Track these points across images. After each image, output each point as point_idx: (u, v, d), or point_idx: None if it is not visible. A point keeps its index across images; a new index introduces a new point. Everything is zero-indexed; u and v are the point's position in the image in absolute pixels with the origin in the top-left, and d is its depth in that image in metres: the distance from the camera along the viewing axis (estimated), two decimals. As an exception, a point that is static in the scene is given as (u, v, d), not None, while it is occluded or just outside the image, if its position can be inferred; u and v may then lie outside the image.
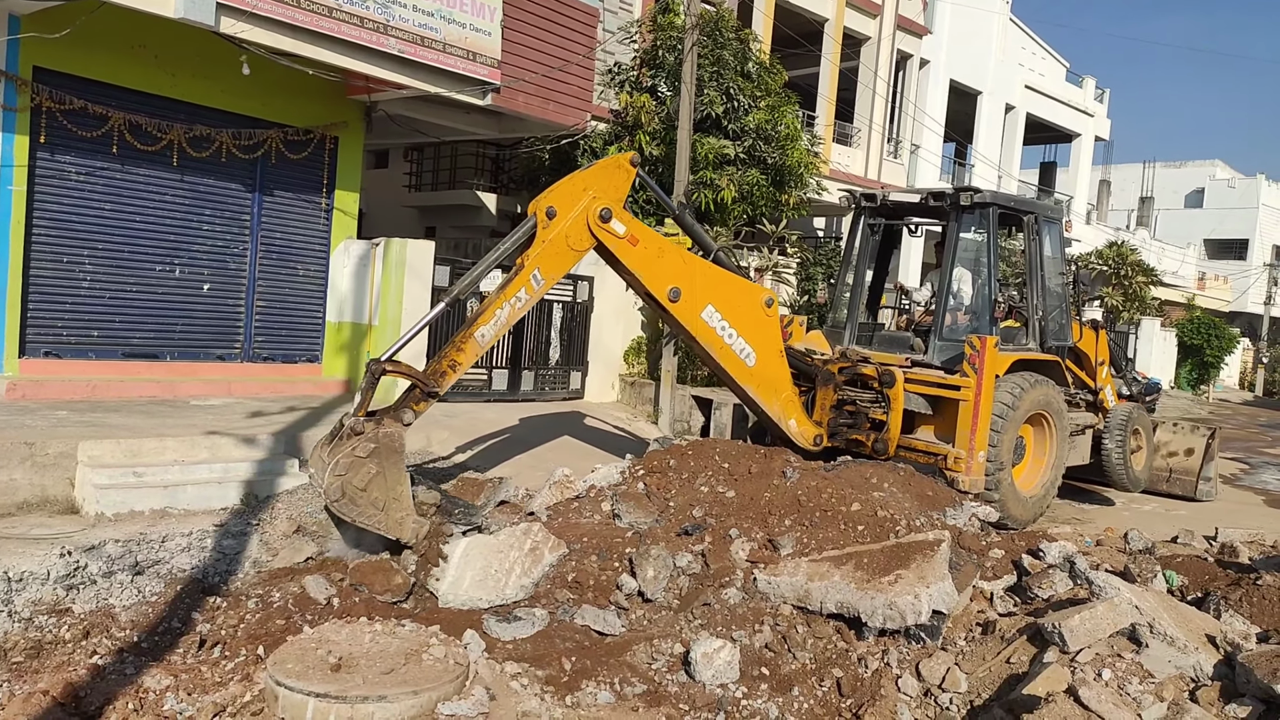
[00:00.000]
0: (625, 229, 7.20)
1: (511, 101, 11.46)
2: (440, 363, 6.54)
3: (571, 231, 6.96)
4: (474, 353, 6.66)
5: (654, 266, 7.45)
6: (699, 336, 7.77)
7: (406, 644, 4.66)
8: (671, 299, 7.52)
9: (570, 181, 7.08)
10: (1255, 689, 4.17)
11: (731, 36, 14.82)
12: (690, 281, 7.63)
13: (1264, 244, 46.40)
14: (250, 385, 10.60)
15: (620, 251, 7.22)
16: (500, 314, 6.70)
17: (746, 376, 8.07)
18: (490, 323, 6.66)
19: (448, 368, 6.55)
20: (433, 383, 6.44)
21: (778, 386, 8.34)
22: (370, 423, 6.17)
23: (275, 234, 11.14)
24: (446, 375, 6.54)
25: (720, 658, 5.00)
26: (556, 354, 12.81)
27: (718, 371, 8.18)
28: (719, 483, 7.26)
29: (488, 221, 19.51)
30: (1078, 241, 29.98)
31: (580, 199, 6.99)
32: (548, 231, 6.88)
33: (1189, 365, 32.98)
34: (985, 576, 5.98)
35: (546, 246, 6.87)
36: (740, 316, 7.96)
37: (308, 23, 9.19)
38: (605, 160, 7.38)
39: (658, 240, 7.56)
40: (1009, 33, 27.76)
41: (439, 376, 6.50)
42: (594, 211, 6.98)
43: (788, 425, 8.42)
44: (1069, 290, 10.23)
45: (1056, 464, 9.28)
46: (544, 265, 6.89)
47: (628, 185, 7.36)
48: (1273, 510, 11.41)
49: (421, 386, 6.40)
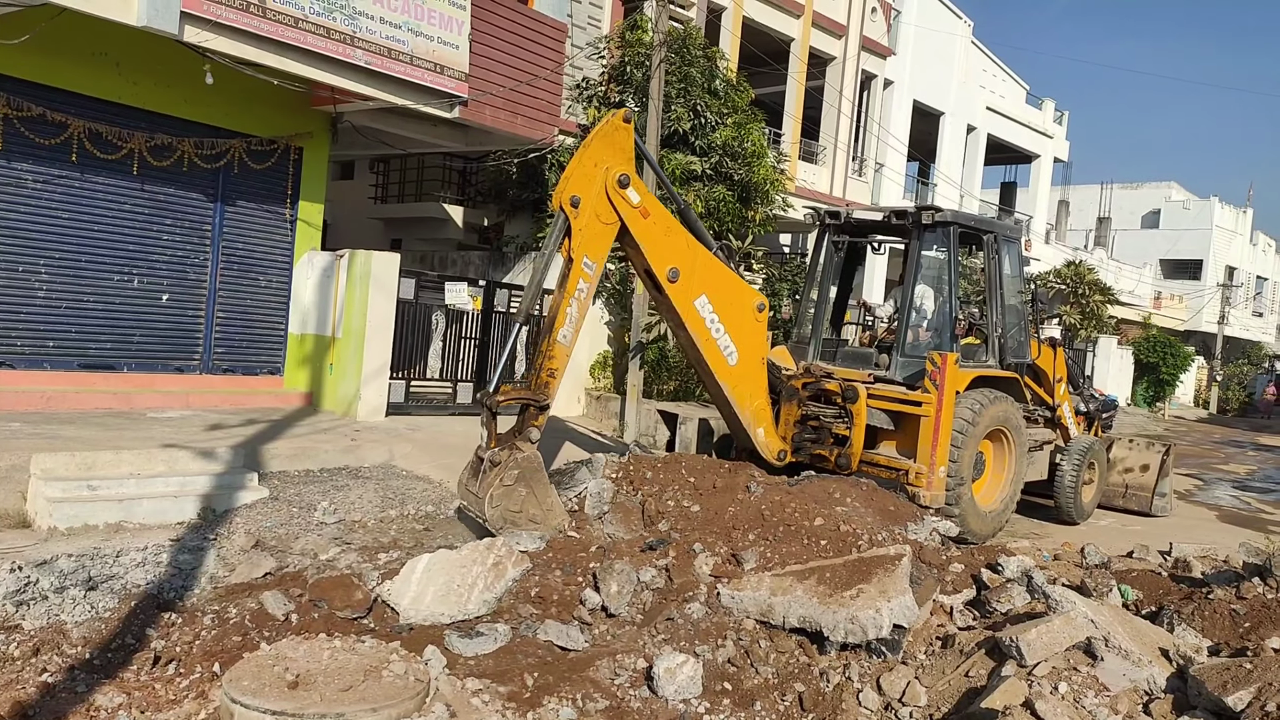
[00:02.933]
0: (639, 199, 7.35)
1: (479, 115, 11.46)
2: (540, 375, 6.91)
3: (599, 208, 7.14)
4: (564, 355, 7.03)
5: (661, 242, 7.58)
6: (688, 324, 7.85)
7: (366, 660, 4.60)
8: (670, 279, 7.63)
9: (581, 164, 7.15)
10: (1206, 702, 4.25)
11: (699, 54, 14.93)
12: (691, 266, 7.76)
13: (1217, 264, 47.48)
14: (209, 397, 10.46)
15: (631, 221, 7.33)
16: (571, 311, 6.99)
17: (726, 374, 8.15)
18: (567, 322, 6.97)
19: (547, 378, 6.92)
20: (541, 396, 6.84)
21: (754, 391, 8.42)
22: (504, 451, 6.65)
23: (237, 244, 11.02)
24: (550, 384, 6.94)
25: (683, 673, 4.99)
26: (523, 367, 12.76)
27: (698, 364, 8.26)
28: (684, 497, 7.28)
29: (454, 234, 19.43)
30: (1037, 260, 30.47)
31: (596, 175, 7.13)
32: (579, 219, 7.05)
33: (1145, 383, 33.62)
34: (945, 590, 6.04)
35: (583, 232, 7.05)
36: (730, 314, 8.06)
37: (273, 33, 9.13)
38: (603, 129, 7.35)
39: (668, 217, 7.69)
40: (971, 55, 28.25)
41: (544, 388, 6.89)
42: (613, 179, 7.15)
43: (756, 433, 8.47)
44: (1028, 308, 10.41)
45: (1015, 479, 9.41)
46: (589, 250, 7.09)
47: (631, 142, 7.46)
48: (1225, 525, 11.65)
49: (534, 403, 6.81)
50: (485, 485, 6.62)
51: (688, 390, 13.41)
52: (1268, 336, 54.30)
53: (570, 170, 7.16)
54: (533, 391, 6.87)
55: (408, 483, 8.56)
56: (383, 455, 9.23)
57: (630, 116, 7.48)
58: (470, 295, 11.97)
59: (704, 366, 8.15)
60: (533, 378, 6.95)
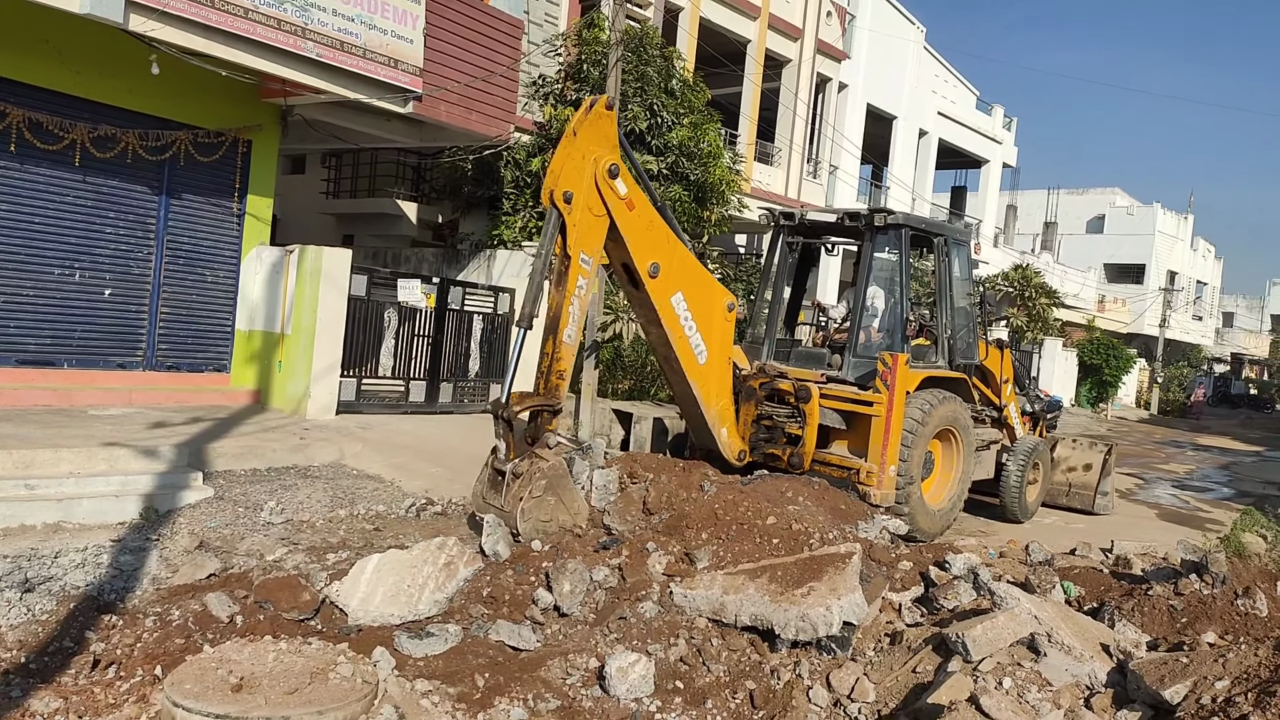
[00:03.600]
0: (626, 190, 7.24)
1: (433, 110, 11.35)
2: (550, 379, 6.83)
3: (590, 201, 7.00)
4: (570, 355, 6.96)
5: (644, 236, 7.49)
6: (664, 321, 7.78)
7: (312, 662, 4.53)
8: (651, 274, 7.55)
9: (570, 157, 6.98)
10: (1145, 695, 4.35)
11: (656, 54, 14.96)
12: (669, 262, 7.69)
13: (1159, 269, 48.79)
14: (153, 395, 10.22)
15: (618, 213, 7.22)
16: (573, 310, 6.88)
17: (696, 373, 8.13)
18: (570, 322, 6.86)
19: (557, 380, 6.85)
20: (554, 400, 6.79)
21: (720, 391, 8.44)
22: (526, 462, 6.56)
23: (183, 238, 10.79)
24: (560, 387, 6.88)
25: (635, 672, 4.99)
26: (477, 366, 12.69)
27: (666, 363, 8.19)
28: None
29: (408, 231, 19.24)
30: (986, 263, 31.04)
31: (586, 167, 6.99)
32: (574, 215, 6.91)
33: (1089, 384, 34.43)
34: (894, 588, 6.11)
35: (579, 228, 6.92)
36: (703, 312, 8.04)
37: (222, 23, 8.95)
38: (588, 118, 7.15)
39: (651, 211, 7.59)
40: (923, 61, 28.68)
41: (555, 392, 6.82)
42: (603, 169, 7.03)
43: (719, 433, 8.49)
44: (976, 310, 10.58)
45: (963, 478, 9.56)
46: (585, 246, 6.97)
47: (615, 130, 7.36)
48: (1165, 524, 11.96)
49: (548, 409, 6.74)
50: (513, 498, 6.51)
51: (642, 389, 13.43)
52: (1207, 340, 55.99)
53: (559, 164, 6.97)
54: (545, 397, 6.80)
55: (358, 482, 8.46)
56: (332, 454, 9.10)
57: (613, 103, 7.34)
58: (424, 292, 11.86)
59: (674, 365, 8.08)
60: (541, 382, 6.85)
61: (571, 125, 7.12)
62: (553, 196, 6.91)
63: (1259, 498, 15.07)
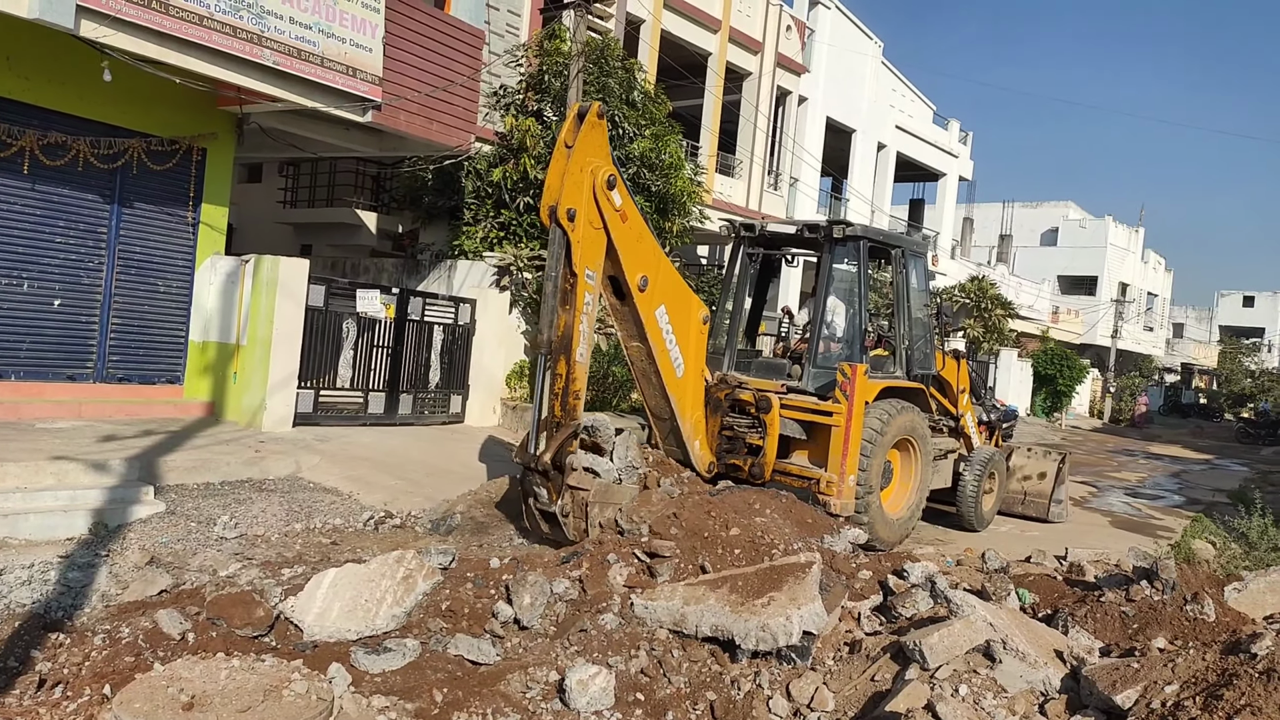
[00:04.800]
0: (621, 202, 7.19)
1: (393, 120, 11.28)
2: (568, 400, 6.85)
3: (590, 215, 6.96)
4: (584, 374, 6.98)
5: (635, 249, 7.44)
6: (649, 335, 7.74)
7: (266, 680, 4.45)
8: (640, 287, 7.52)
9: (570, 173, 6.87)
10: (1097, 701, 4.42)
11: (617, 65, 15.01)
12: (656, 274, 7.67)
13: (1111, 281, 49.84)
14: (103, 407, 10.00)
15: (613, 224, 7.19)
16: (583, 328, 6.86)
17: (674, 386, 8.11)
18: (582, 340, 6.85)
19: (574, 401, 6.86)
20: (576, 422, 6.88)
21: (695, 403, 8.44)
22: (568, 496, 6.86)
23: (135, 248, 10.59)
24: (577, 407, 6.92)
25: (595, 684, 4.97)
26: (437, 377, 12.59)
27: (646, 376, 8.13)
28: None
29: (367, 241, 19.07)
30: (943, 275, 31.49)
31: (585, 181, 6.92)
32: (577, 232, 6.86)
33: (1043, 394, 35.02)
34: (853, 597, 6.15)
35: (582, 244, 6.88)
36: (682, 324, 8.03)
37: (176, 30, 8.82)
38: (584, 125, 7.04)
39: (641, 223, 7.56)
40: (881, 75, 29.08)
41: (574, 413, 6.87)
42: (602, 180, 6.99)
43: (692, 446, 8.48)
44: (934, 321, 10.72)
45: (921, 487, 9.66)
46: (590, 262, 6.92)
47: (607, 138, 7.33)
48: (1118, 531, 12.18)
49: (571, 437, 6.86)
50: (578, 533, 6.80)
51: (604, 400, 13.40)
52: (1158, 350, 57.23)
53: (556, 178, 6.86)
54: (566, 424, 6.83)
55: (315, 495, 8.34)
56: (289, 467, 8.97)
57: (604, 112, 7.25)
58: (383, 303, 11.75)
59: (652, 379, 8.03)
60: (557, 404, 6.86)
61: (563, 137, 7.00)
62: (555, 215, 6.79)
63: (1208, 505, 15.42)
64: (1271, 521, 10.07)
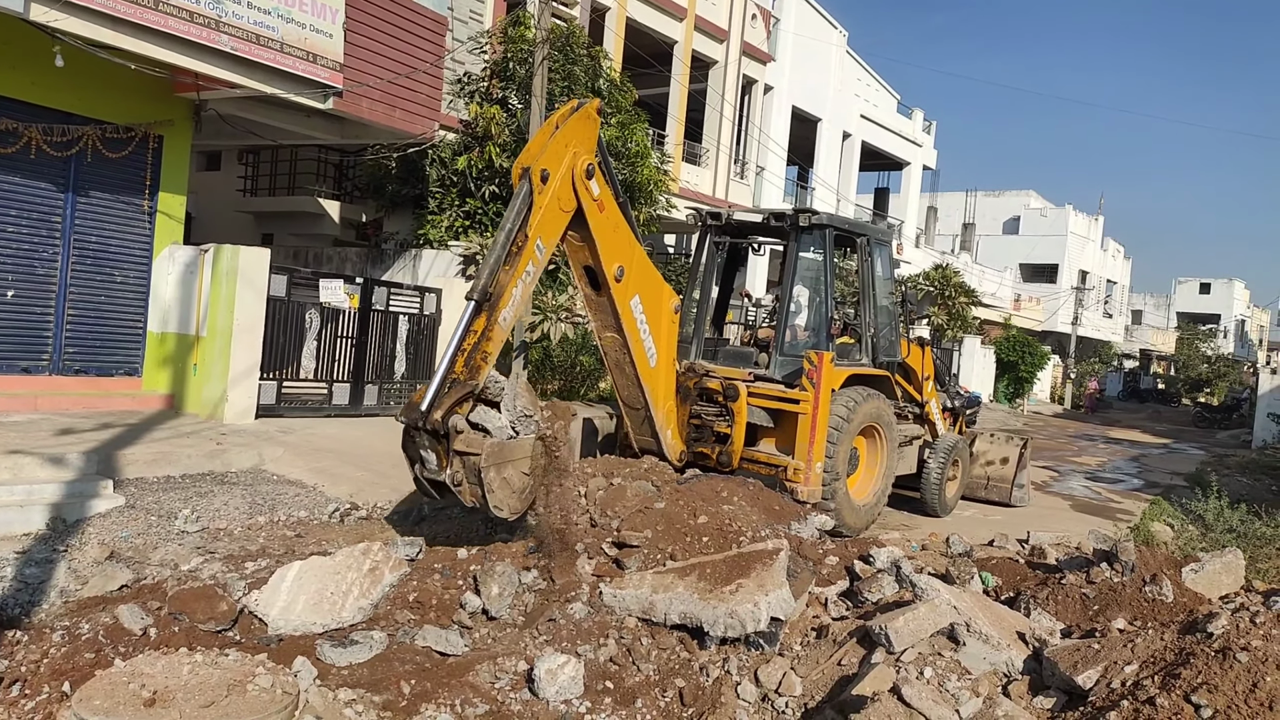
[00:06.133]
0: (599, 191, 7.09)
1: (355, 107, 11.12)
2: (474, 359, 6.22)
3: (561, 192, 6.75)
4: (500, 339, 6.43)
5: (610, 239, 7.34)
6: (624, 325, 7.66)
7: (230, 674, 4.39)
8: (617, 278, 7.43)
9: (555, 141, 6.74)
10: (1059, 681, 4.49)
11: (583, 53, 14.93)
12: (631, 264, 7.58)
13: (1071, 268, 50.55)
14: (60, 400, 9.80)
15: (590, 212, 7.06)
16: (516, 293, 6.48)
17: (648, 376, 8.08)
18: (509, 304, 6.42)
19: (480, 361, 6.27)
20: (475, 384, 6.20)
21: (667, 393, 8.41)
22: (457, 463, 6.05)
23: (90, 237, 10.37)
24: (482, 370, 6.29)
25: (564, 673, 4.96)
26: (402, 367, 12.48)
27: (620, 367, 8.06)
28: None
29: (330, 230, 18.83)
30: (907, 263, 31.76)
31: (565, 157, 6.77)
32: (543, 197, 6.61)
33: (1006, 380, 35.48)
34: (821, 582, 6.20)
35: (544, 212, 6.63)
36: (655, 314, 7.99)
37: (130, 14, 8.63)
38: (578, 113, 6.98)
39: (618, 214, 7.47)
40: (846, 65, 29.19)
41: (477, 374, 6.24)
42: (580, 167, 6.83)
43: (664, 435, 8.47)
44: (899, 309, 10.80)
45: (887, 473, 9.75)
46: (544, 233, 6.66)
47: (597, 134, 7.22)
48: (1078, 514, 12.39)
49: (467, 398, 6.14)
50: (474, 499, 6.11)
51: (572, 390, 13.38)
52: (1117, 336, 58.20)
53: (538, 145, 6.73)
54: (465, 384, 6.13)
55: (278, 488, 8.24)
56: (251, 459, 8.85)
57: (603, 110, 7.15)
58: (347, 293, 11.62)
59: (626, 369, 7.97)
60: (461, 361, 6.18)
61: (555, 119, 6.93)
62: (528, 173, 6.59)
63: (1166, 488, 15.73)
64: (1227, 504, 10.29)
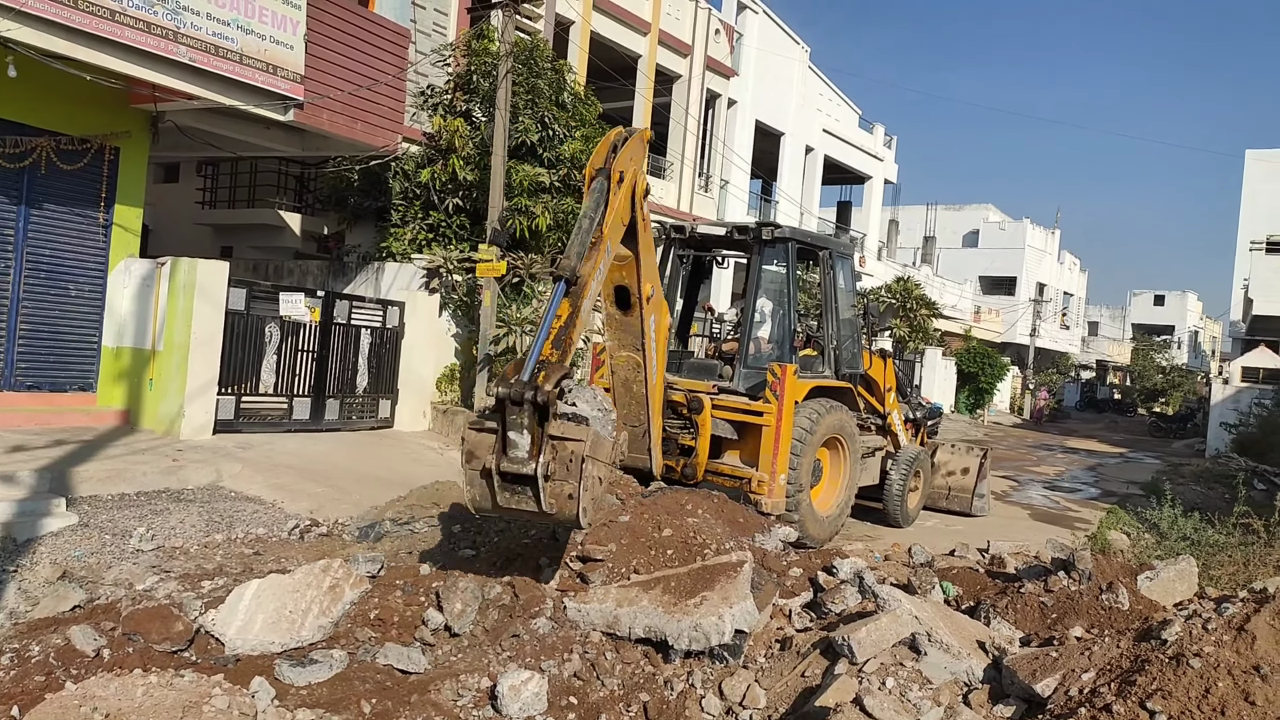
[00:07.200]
0: (646, 212, 7.11)
1: (316, 119, 11.03)
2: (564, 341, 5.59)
3: (623, 205, 6.55)
4: (581, 329, 5.88)
5: (650, 259, 7.40)
6: (647, 345, 7.66)
7: (185, 696, 4.30)
8: (649, 297, 7.44)
9: (628, 149, 6.60)
10: (1019, 690, 4.54)
11: (547, 66, 14.94)
12: (657, 285, 7.65)
13: (1029, 281, 51.41)
14: (11, 417, 9.57)
15: (643, 230, 7.02)
16: (593, 287, 6.08)
17: (654, 395, 8.09)
18: (589, 295, 5.97)
19: (568, 345, 5.65)
20: (568, 361, 5.54)
21: (659, 409, 8.41)
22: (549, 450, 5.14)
23: (44, 251, 10.17)
24: (569, 353, 5.68)
25: (528, 689, 4.93)
26: (365, 381, 12.36)
27: (626, 386, 8.03)
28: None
29: (291, 243, 18.61)
30: (870, 276, 32.10)
31: (632, 169, 6.66)
32: (617, 199, 6.37)
33: (966, 391, 35.96)
34: (785, 594, 6.22)
35: (615, 212, 6.36)
36: (662, 333, 8.02)
37: (86, 25, 8.50)
38: (635, 135, 6.85)
39: (651, 235, 7.49)
40: (808, 80, 29.50)
41: (567, 358, 5.58)
42: (642, 185, 6.77)
43: (655, 451, 8.44)
44: (861, 321, 10.92)
45: (850, 485, 9.82)
46: (611, 235, 6.35)
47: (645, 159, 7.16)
48: (1037, 523, 12.56)
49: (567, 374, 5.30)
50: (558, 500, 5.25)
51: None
52: (1074, 348, 59.22)
53: (621, 148, 6.55)
54: (560, 363, 5.38)
55: (236, 504, 8.11)
56: (209, 476, 8.71)
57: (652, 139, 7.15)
58: (308, 306, 11.49)
59: (633, 389, 7.94)
60: (548, 343, 5.55)
61: (611, 137, 6.75)
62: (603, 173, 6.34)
63: (1123, 497, 16.00)
64: (1181, 512, 10.49)
